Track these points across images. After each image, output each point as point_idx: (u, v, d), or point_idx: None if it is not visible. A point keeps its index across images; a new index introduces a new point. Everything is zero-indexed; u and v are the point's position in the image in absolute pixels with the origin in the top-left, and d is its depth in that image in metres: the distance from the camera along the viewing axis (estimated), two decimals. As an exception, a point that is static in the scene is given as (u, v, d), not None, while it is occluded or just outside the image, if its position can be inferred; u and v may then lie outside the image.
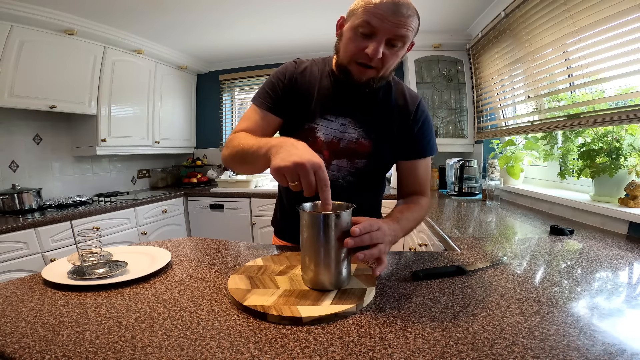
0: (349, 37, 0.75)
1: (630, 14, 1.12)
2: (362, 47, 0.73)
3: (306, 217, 0.59)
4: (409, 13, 0.71)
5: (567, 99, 1.63)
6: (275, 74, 0.89)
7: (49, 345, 0.45)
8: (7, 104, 1.86)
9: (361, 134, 0.87)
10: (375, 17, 0.70)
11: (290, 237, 1.02)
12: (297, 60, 0.91)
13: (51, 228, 1.80)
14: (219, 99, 3.44)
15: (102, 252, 0.76)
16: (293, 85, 0.87)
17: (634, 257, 0.85)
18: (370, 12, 0.70)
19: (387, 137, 0.88)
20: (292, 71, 0.88)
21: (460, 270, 0.70)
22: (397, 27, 0.70)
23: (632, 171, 1.22)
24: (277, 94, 0.87)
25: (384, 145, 0.88)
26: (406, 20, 0.70)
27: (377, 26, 0.70)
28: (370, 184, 0.96)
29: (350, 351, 0.44)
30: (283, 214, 1.04)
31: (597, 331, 0.47)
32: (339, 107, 0.87)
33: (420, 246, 1.65)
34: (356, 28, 0.73)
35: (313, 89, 0.87)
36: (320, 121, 0.87)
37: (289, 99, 0.87)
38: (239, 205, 2.71)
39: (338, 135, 0.87)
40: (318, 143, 0.87)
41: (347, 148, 0.87)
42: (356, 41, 0.74)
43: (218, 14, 2.25)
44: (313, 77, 0.88)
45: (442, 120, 2.85)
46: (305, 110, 0.87)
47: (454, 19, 2.32)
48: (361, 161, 0.89)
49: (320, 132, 0.87)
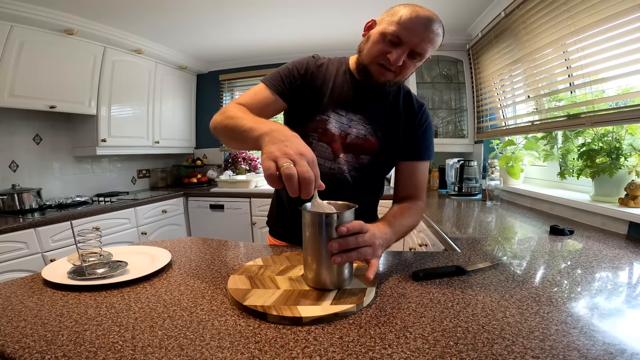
0: (376, 40, 0.79)
1: (630, 14, 1.12)
2: (386, 51, 0.77)
3: (308, 217, 0.59)
4: (438, 32, 0.76)
5: (567, 99, 1.63)
6: (293, 63, 0.90)
7: (49, 345, 0.45)
8: (7, 104, 1.86)
9: (369, 130, 0.90)
10: (407, 30, 0.74)
11: (287, 236, 1.01)
12: (315, 56, 0.94)
13: (51, 228, 1.80)
14: (219, 99, 3.44)
15: (102, 252, 0.75)
16: (309, 77, 0.90)
17: (634, 257, 0.85)
18: (403, 24, 0.74)
19: (393, 137, 0.91)
20: (310, 64, 0.91)
21: (460, 270, 0.70)
22: (423, 42, 0.75)
23: (632, 171, 1.22)
24: (291, 83, 0.88)
25: (389, 145, 0.91)
26: (434, 37, 0.75)
27: (405, 38, 0.74)
28: (371, 183, 0.98)
29: (350, 351, 0.44)
30: (280, 213, 1.04)
31: (597, 331, 0.47)
32: (350, 103, 0.90)
33: (420, 246, 1.65)
34: (385, 34, 0.76)
35: (328, 83, 0.90)
36: (331, 114, 0.89)
37: (302, 90, 0.89)
38: (239, 205, 2.71)
39: (346, 130, 0.89)
40: (328, 135, 0.89)
41: (354, 143, 0.90)
42: (383, 45, 0.77)
43: (218, 14, 2.25)
44: (329, 73, 0.91)
45: (442, 120, 2.84)
46: (318, 102, 0.90)
47: (454, 19, 2.32)
48: (366, 157, 0.91)
49: (331, 125, 0.89)
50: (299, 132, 0.90)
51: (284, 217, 1.02)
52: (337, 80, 0.90)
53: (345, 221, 0.58)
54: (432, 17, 0.75)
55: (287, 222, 1.00)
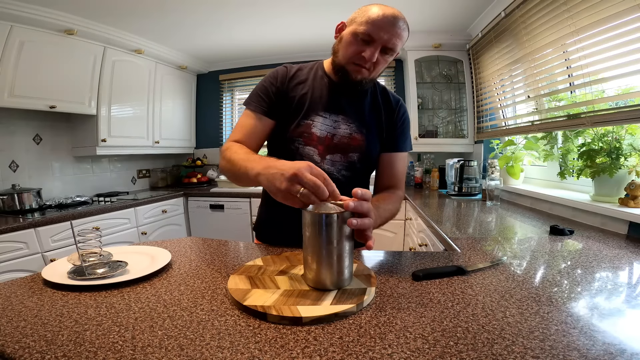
0: (349, 41, 0.85)
1: (630, 14, 1.12)
2: (360, 50, 0.83)
3: (309, 217, 0.59)
4: (404, 27, 0.83)
5: (567, 99, 1.63)
6: (267, 78, 0.94)
7: (49, 345, 0.45)
8: (7, 104, 1.86)
9: (353, 129, 0.94)
10: (376, 28, 0.80)
11: (275, 239, 1.00)
12: (287, 65, 0.98)
13: (51, 228, 1.80)
14: (219, 99, 3.44)
15: (102, 252, 0.75)
16: (286, 87, 0.93)
17: (634, 257, 0.85)
18: (372, 22, 0.80)
19: (377, 132, 0.97)
20: (283, 75, 0.95)
21: (460, 270, 0.70)
22: (393, 37, 0.81)
23: (632, 171, 1.22)
24: (271, 98, 0.92)
25: (374, 140, 0.97)
26: (401, 32, 0.82)
27: (376, 35, 0.80)
28: (361, 180, 1.01)
29: (350, 351, 0.44)
30: (270, 216, 1.03)
31: (597, 331, 0.47)
32: (332, 105, 0.93)
33: (420, 246, 1.65)
34: (357, 34, 0.82)
35: (307, 89, 0.94)
36: (315, 118, 0.92)
37: (282, 101, 0.93)
38: (239, 205, 2.71)
39: (332, 131, 0.93)
40: (313, 138, 0.92)
41: (341, 143, 0.93)
42: (356, 45, 0.83)
43: (218, 14, 2.25)
44: (306, 78, 0.95)
45: (442, 120, 2.85)
46: (299, 108, 0.92)
47: (454, 19, 2.32)
48: (354, 155, 0.95)
49: (315, 128, 0.92)
50: (284, 139, 0.92)
51: (277, 220, 1.01)
52: (315, 84, 0.94)
53: (346, 221, 0.59)
54: (397, 14, 0.81)
55: (279, 225, 0.99)
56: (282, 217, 0.99)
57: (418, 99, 2.72)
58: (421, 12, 2.19)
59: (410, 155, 2.98)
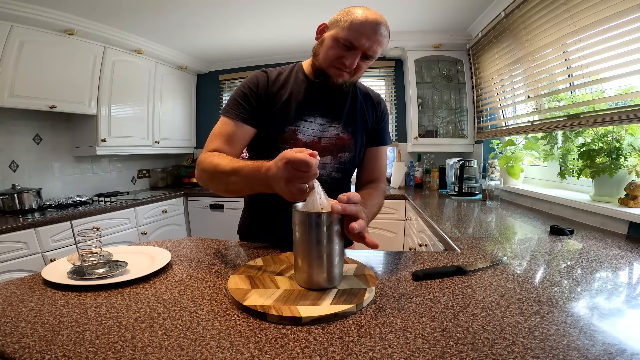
0: (330, 45, 0.83)
1: (630, 14, 1.12)
2: (341, 55, 0.83)
3: (298, 216, 0.59)
4: (385, 33, 0.82)
5: (567, 99, 1.63)
6: (246, 85, 0.90)
7: (49, 345, 0.45)
8: (7, 104, 1.86)
9: (339, 129, 0.95)
10: (358, 34, 0.79)
11: (262, 237, 0.99)
12: (266, 70, 0.95)
13: (51, 228, 1.80)
14: (219, 99, 3.44)
15: (102, 252, 0.75)
16: (267, 94, 0.90)
17: (634, 257, 0.85)
18: (354, 29, 0.79)
19: (361, 129, 0.99)
20: (264, 81, 0.91)
21: (460, 270, 0.70)
22: (374, 45, 0.81)
23: (632, 171, 1.22)
24: (251, 105, 0.89)
25: (360, 137, 0.98)
26: (382, 40, 0.81)
27: (357, 43, 0.80)
28: (348, 184, 1.02)
29: (350, 351, 0.44)
30: (255, 220, 1.03)
31: (597, 331, 0.47)
32: (315, 109, 0.93)
33: (420, 246, 1.65)
34: (338, 40, 0.81)
35: (288, 94, 0.92)
36: (300, 123, 0.91)
37: (264, 108, 0.90)
38: (239, 205, 2.71)
39: (318, 135, 0.93)
40: (300, 144, 0.91)
41: (329, 144, 0.94)
42: (337, 50, 0.83)
43: (218, 15, 2.25)
44: (286, 82, 0.93)
45: (442, 120, 2.85)
46: (283, 115, 0.90)
47: (454, 19, 2.32)
48: (344, 155, 0.96)
49: (301, 134, 0.91)
50: (269, 146, 0.91)
51: (261, 223, 1.01)
52: (296, 88, 0.93)
53: (335, 219, 0.59)
54: (379, 19, 0.80)
55: (265, 228, 0.99)
56: (267, 220, 1.00)
57: (418, 99, 2.72)
58: (421, 12, 2.19)
59: (410, 155, 2.98)
